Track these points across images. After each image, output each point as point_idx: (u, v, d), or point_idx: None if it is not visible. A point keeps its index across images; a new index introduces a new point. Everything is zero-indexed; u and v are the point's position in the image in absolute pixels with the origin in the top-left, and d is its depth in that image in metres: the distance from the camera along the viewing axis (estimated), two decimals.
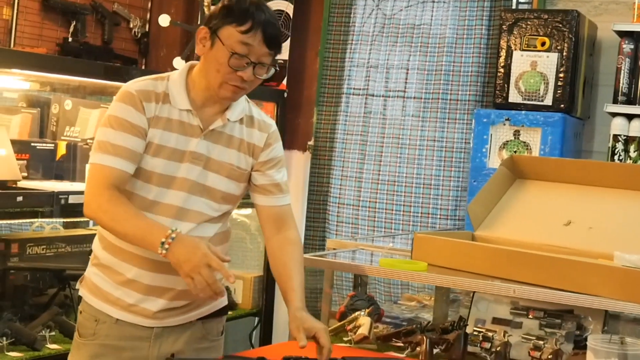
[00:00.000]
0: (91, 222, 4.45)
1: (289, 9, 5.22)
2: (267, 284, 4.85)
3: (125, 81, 3.95)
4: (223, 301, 2.70)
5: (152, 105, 2.51)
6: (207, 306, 2.65)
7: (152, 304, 2.53)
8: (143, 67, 5.29)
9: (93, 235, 3.37)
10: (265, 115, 2.73)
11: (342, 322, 3.09)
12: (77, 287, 2.68)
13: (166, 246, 2.34)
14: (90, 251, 2.67)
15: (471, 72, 4.78)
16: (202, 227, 2.55)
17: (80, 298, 2.65)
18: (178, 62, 4.69)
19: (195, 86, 2.56)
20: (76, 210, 3.92)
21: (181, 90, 2.55)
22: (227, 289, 2.81)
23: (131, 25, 5.23)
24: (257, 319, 4.93)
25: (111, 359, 2.55)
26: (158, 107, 2.52)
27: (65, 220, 4.13)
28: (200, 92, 2.56)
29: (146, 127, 2.50)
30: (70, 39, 4.71)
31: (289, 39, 5.18)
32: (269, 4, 5.06)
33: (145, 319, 2.55)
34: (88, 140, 4.13)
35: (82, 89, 4.38)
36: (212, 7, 2.63)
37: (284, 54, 5.16)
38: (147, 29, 5.34)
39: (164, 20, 4.70)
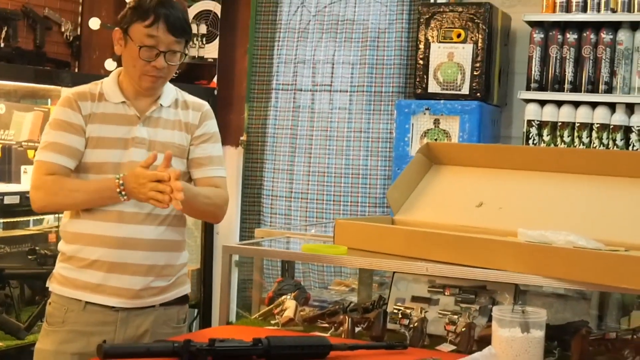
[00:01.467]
0: (31, 222, 4.56)
1: (217, 8, 5.37)
2: (204, 277, 5.00)
3: (58, 84, 4.12)
4: (184, 289, 2.95)
5: (87, 103, 2.79)
6: (169, 292, 2.88)
7: (117, 280, 2.75)
8: (76, 70, 5.39)
9: (32, 235, 3.55)
10: (197, 98, 2.98)
11: (269, 307, 3.23)
12: (47, 286, 2.90)
13: (123, 193, 2.65)
14: (30, 249, 2.89)
15: (393, 64, 4.97)
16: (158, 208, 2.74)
17: (49, 293, 2.87)
18: (110, 63, 4.82)
19: (125, 83, 2.83)
20: (12, 210, 4.05)
21: (114, 87, 2.82)
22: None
23: (63, 29, 5.34)
24: (196, 310, 5.07)
25: (80, 344, 2.76)
26: (94, 104, 2.79)
27: (1, 220, 4.23)
28: (130, 87, 2.82)
29: (83, 124, 2.77)
30: (2, 44, 4.80)
31: (218, 37, 5.33)
32: (196, 5, 5.24)
33: (112, 298, 2.76)
34: (22, 143, 4.25)
35: (15, 93, 4.49)
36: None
37: (213, 53, 5.31)
38: (78, 32, 5.44)
39: (95, 23, 4.82)
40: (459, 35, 4.45)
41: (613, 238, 2.80)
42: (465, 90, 4.45)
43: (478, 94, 4.42)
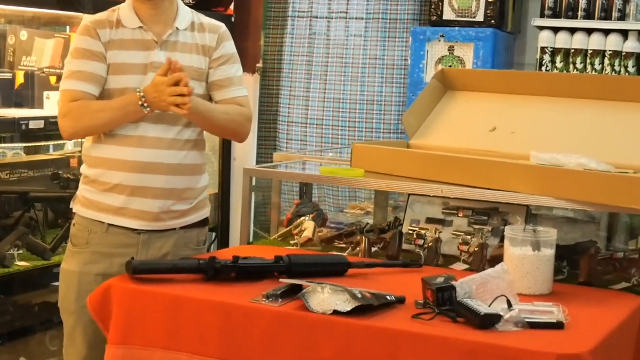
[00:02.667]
0: (50, 147, 4.64)
1: None
2: (222, 201, 5.10)
3: (76, 10, 4.17)
4: (204, 213, 3.03)
5: (106, 31, 2.84)
6: (190, 216, 2.95)
7: (139, 203, 2.83)
8: None
9: (54, 160, 3.65)
10: (213, 20, 3.02)
11: (288, 228, 3.34)
12: (70, 207, 2.98)
13: (145, 105, 2.73)
14: (53, 174, 2.95)
15: None
16: (177, 129, 2.86)
17: (73, 214, 2.96)
18: None
19: (139, 8, 2.87)
20: (37, 135, 4.14)
21: (130, 13, 2.87)
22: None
23: None
24: (214, 234, 5.19)
25: (103, 265, 2.85)
26: (112, 31, 2.84)
27: (26, 145, 4.32)
28: (143, 10, 2.86)
29: (103, 51, 2.83)
30: None
31: None
32: None
33: (134, 220, 2.84)
34: (44, 69, 4.32)
35: (37, 20, 4.53)
36: None
37: None
38: None
39: None
40: None
41: (622, 161, 2.89)
42: (479, 17, 4.51)
43: (492, 21, 4.47)
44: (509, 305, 2.28)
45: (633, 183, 2.64)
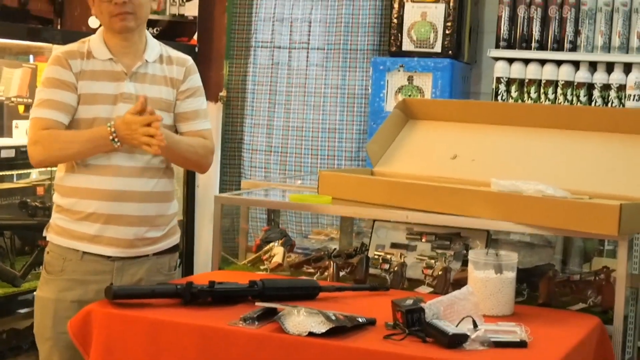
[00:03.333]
0: (14, 177, 4.69)
1: None
2: (187, 227, 5.18)
3: (43, 41, 4.25)
4: (175, 239, 3.12)
5: (77, 61, 2.92)
6: (161, 243, 3.04)
7: (113, 231, 2.90)
8: (59, 27, 5.50)
9: (21, 188, 3.71)
10: (181, 53, 3.12)
11: (258, 254, 3.43)
12: (44, 235, 3.04)
13: (116, 140, 2.81)
14: (21, 202, 3.00)
15: (368, 23, 5.13)
16: (148, 159, 2.94)
17: (46, 242, 3.02)
18: (93, 20, 4.93)
19: (109, 40, 2.95)
20: (7, 164, 4.19)
21: (101, 45, 2.96)
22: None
23: None
24: (179, 260, 5.25)
25: (78, 291, 2.91)
26: (83, 62, 2.93)
27: None
28: (114, 42, 2.95)
29: (74, 81, 2.91)
30: None
31: None
32: None
33: (108, 248, 2.92)
34: (12, 98, 4.38)
35: (3, 50, 4.60)
36: None
37: (193, 11, 5.45)
38: None
39: None
40: None
41: (578, 187, 3.01)
42: (437, 48, 4.66)
43: (450, 52, 4.63)
44: (475, 325, 2.39)
45: (588, 209, 2.77)
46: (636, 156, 3.10)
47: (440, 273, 3.06)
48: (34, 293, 3.06)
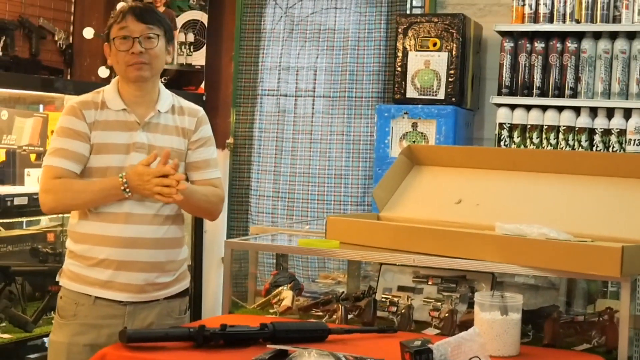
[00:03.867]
0: (24, 224, 4.76)
1: (204, 18, 5.62)
2: (195, 271, 5.24)
3: (55, 91, 4.35)
4: (185, 284, 3.17)
5: (91, 112, 2.99)
6: (172, 287, 3.10)
7: (125, 277, 2.96)
8: (69, 77, 5.61)
9: (32, 235, 3.76)
10: (192, 104, 3.20)
11: (267, 297, 3.48)
12: (56, 280, 3.09)
13: (127, 190, 2.87)
14: (32, 248, 3.04)
15: (373, 71, 5.25)
16: (159, 206, 3.00)
17: (59, 287, 3.07)
18: (103, 70, 5.06)
19: (124, 90, 3.03)
20: (17, 211, 4.26)
21: (115, 95, 3.03)
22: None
23: (56, 38, 5.54)
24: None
25: (91, 335, 2.96)
26: (97, 112, 3.00)
27: (8, 221, 4.44)
28: (128, 92, 3.03)
29: (87, 131, 2.97)
30: (0, 54, 5.02)
31: (205, 45, 5.57)
32: (184, 14, 5.49)
33: (120, 293, 2.97)
34: (24, 147, 4.47)
35: (16, 100, 4.69)
36: None
37: (201, 60, 5.56)
38: (70, 41, 5.65)
39: (89, 33, 5.06)
40: (434, 44, 4.76)
41: (580, 230, 3.05)
42: (441, 95, 4.75)
43: (453, 99, 4.72)
44: None
45: (591, 251, 2.82)
46: (635, 199, 3.16)
47: (446, 315, 3.10)
48: (45, 338, 3.10)
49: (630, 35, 4.62)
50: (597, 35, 4.67)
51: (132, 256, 2.97)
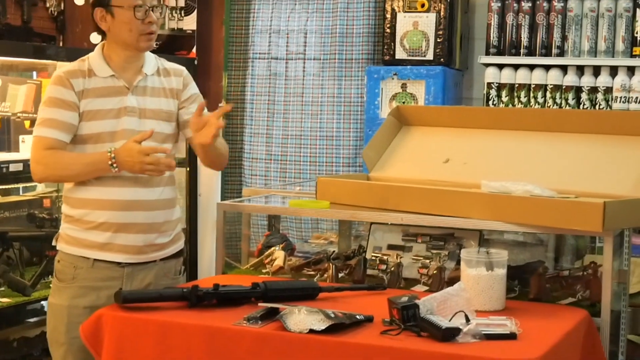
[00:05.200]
0: (20, 190, 4.81)
1: None
2: (190, 234, 5.30)
3: (47, 58, 4.38)
4: (180, 245, 3.26)
5: (79, 80, 3.05)
6: (168, 248, 3.19)
7: (124, 239, 3.04)
8: (61, 44, 5.63)
9: (29, 201, 3.80)
10: (175, 64, 3.28)
11: (260, 258, 3.56)
12: (53, 245, 3.17)
13: (114, 165, 2.94)
14: (29, 214, 3.11)
15: (362, 33, 5.26)
16: None
17: (56, 251, 3.15)
18: (95, 37, 5.04)
19: (112, 56, 3.09)
20: (12, 177, 4.31)
21: (101, 62, 3.09)
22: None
23: (47, 5, 5.54)
24: (183, 267, 5.38)
25: (90, 298, 3.04)
26: (85, 81, 3.05)
27: (4, 187, 4.49)
28: (117, 59, 3.08)
29: (76, 100, 3.03)
30: None
31: (195, 10, 5.59)
32: None
33: (119, 255, 3.05)
34: (19, 114, 4.52)
35: (8, 67, 4.73)
36: None
37: (192, 25, 5.59)
38: (62, 8, 5.66)
39: None
40: (422, 5, 4.80)
41: (565, 187, 3.13)
42: (429, 56, 4.80)
43: (441, 60, 4.77)
44: (467, 319, 2.52)
45: (574, 207, 2.89)
46: (620, 156, 3.22)
47: (435, 272, 3.17)
48: (43, 302, 3.16)
49: None
50: None
51: (130, 218, 3.04)
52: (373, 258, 3.38)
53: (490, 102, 4.67)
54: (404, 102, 4.74)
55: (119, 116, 3.04)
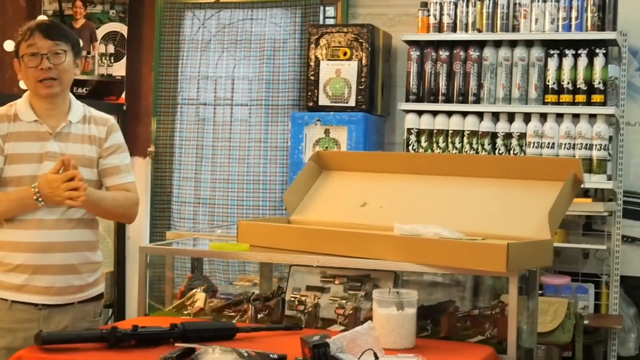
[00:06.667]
0: None
1: (124, 30, 5.73)
2: (118, 278, 5.35)
3: None
4: (100, 288, 3.30)
5: (4, 124, 3.12)
6: (86, 291, 3.23)
7: (39, 280, 3.08)
8: None
9: None
10: (103, 113, 3.33)
11: (182, 300, 3.61)
12: None
13: (40, 199, 3.00)
14: None
15: (288, 79, 5.42)
16: (70, 211, 3.13)
17: None
18: (24, 83, 5.12)
19: (35, 103, 3.16)
20: None
21: (27, 108, 3.15)
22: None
23: None
24: (110, 310, 5.42)
25: (7, 339, 3.08)
26: (10, 125, 3.12)
27: None
28: (39, 105, 3.15)
29: (1, 143, 3.09)
30: None
31: (125, 56, 5.69)
32: (104, 26, 5.59)
33: (36, 296, 3.09)
34: None
35: None
36: None
37: (121, 71, 5.68)
38: None
39: (9, 45, 5.13)
40: (345, 54, 4.95)
41: (473, 229, 3.23)
42: (352, 102, 4.95)
43: (363, 106, 4.91)
44: (376, 357, 2.60)
45: (480, 248, 3.00)
46: (526, 199, 3.35)
47: (351, 312, 3.23)
48: None
49: (529, 44, 4.86)
50: (497, 44, 4.90)
51: (46, 260, 3.09)
52: (292, 299, 3.43)
53: (410, 147, 4.81)
54: (327, 147, 4.86)
55: (41, 161, 3.10)
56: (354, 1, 5.39)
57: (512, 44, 4.88)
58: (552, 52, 4.79)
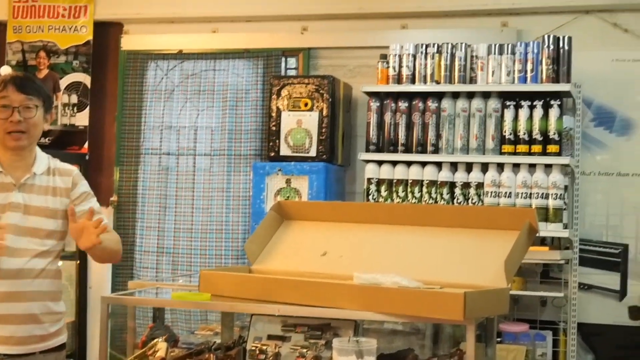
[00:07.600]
0: None
1: (87, 80, 5.78)
2: (79, 328, 5.33)
3: None
4: (62, 338, 3.32)
5: None
6: (49, 341, 3.25)
7: (1, 330, 3.11)
8: None
9: None
10: (67, 165, 3.39)
11: (143, 350, 3.63)
12: None
13: None
14: None
15: (250, 130, 5.49)
16: (33, 261, 3.16)
17: None
18: None
19: (1, 153, 3.21)
20: None
21: None
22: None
23: None
24: None
25: None
26: None
27: None
28: (5, 157, 3.20)
29: None
30: None
31: (88, 106, 5.72)
32: (67, 77, 5.63)
33: None
34: None
35: None
36: None
37: (84, 121, 5.71)
38: None
39: None
40: (306, 104, 5.03)
41: (432, 278, 3.27)
42: (312, 152, 5.01)
43: (324, 156, 4.98)
44: None
45: (438, 297, 3.04)
46: (483, 248, 3.41)
47: None
48: None
49: (486, 95, 4.96)
50: (455, 95, 4.99)
51: (8, 310, 3.12)
52: (253, 348, 3.45)
53: (370, 197, 4.87)
54: (288, 197, 4.91)
55: (3, 211, 3.14)
56: (315, 52, 5.47)
57: (470, 95, 4.97)
58: (508, 103, 4.88)
